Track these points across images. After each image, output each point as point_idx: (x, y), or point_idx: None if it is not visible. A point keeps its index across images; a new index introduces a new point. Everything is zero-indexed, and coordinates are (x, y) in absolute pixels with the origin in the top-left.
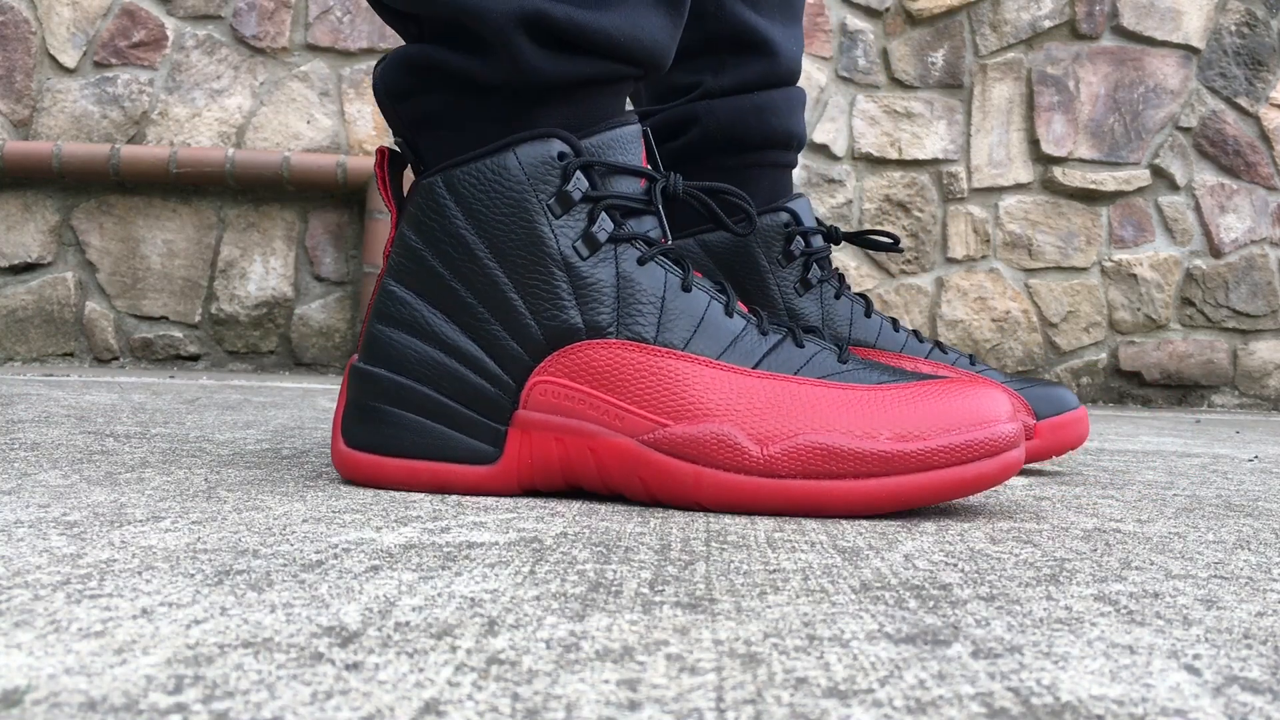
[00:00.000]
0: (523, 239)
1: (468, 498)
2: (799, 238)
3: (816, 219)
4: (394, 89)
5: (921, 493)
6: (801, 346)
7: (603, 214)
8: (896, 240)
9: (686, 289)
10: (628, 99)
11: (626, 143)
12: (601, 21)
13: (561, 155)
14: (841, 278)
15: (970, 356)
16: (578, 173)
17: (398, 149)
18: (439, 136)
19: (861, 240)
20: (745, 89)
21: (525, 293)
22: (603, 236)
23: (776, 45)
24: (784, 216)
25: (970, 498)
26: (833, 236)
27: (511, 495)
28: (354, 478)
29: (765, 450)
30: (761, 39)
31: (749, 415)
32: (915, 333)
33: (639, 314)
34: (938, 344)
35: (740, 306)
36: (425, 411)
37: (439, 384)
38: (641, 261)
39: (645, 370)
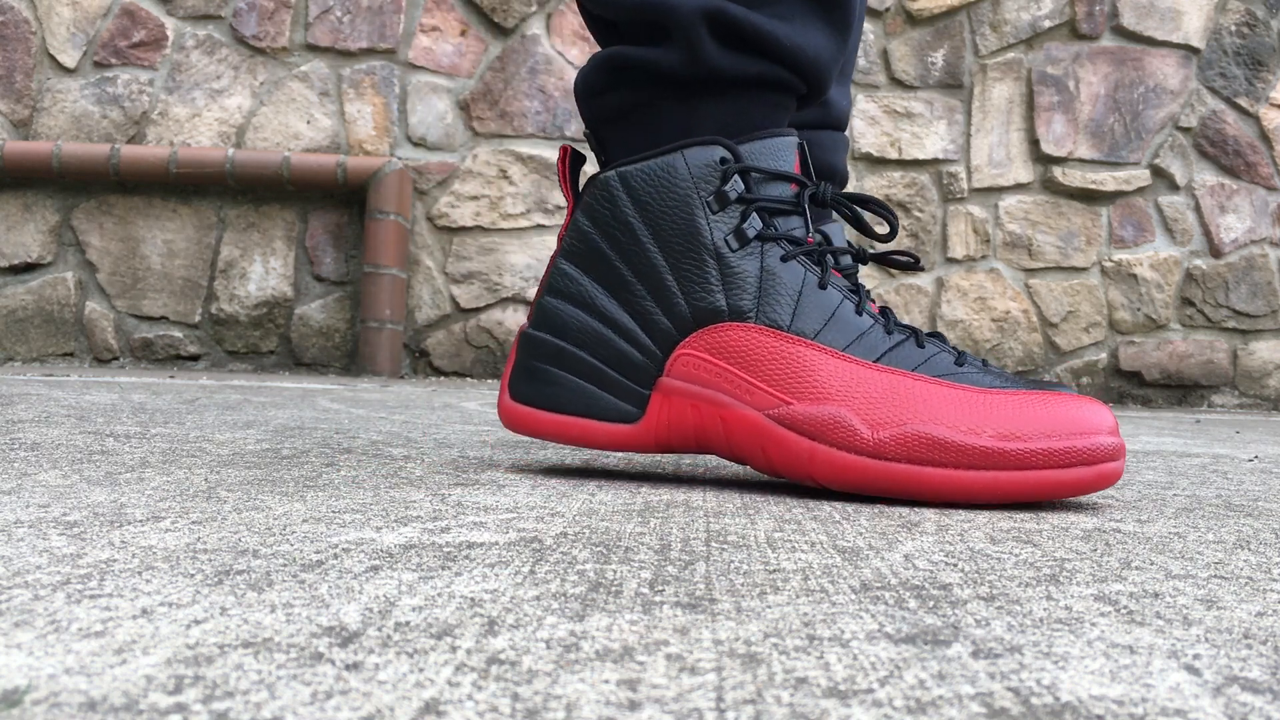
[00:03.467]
0: (682, 229)
1: (468, 498)
2: (737, 178)
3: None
4: (590, 86)
5: (1016, 489)
6: (922, 347)
7: (754, 213)
8: (914, 259)
9: (823, 286)
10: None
11: (781, 151)
12: (774, 26)
13: (723, 160)
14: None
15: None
16: (735, 176)
17: (577, 149)
18: (621, 131)
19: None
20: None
21: (679, 276)
22: (751, 233)
23: (830, 98)
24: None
25: None
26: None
27: (647, 452)
28: (513, 428)
29: (876, 434)
30: None
31: (864, 402)
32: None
33: (777, 303)
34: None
35: (871, 307)
36: (580, 373)
37: (595, 350)
38: (784, 259)
39: (777, 353)
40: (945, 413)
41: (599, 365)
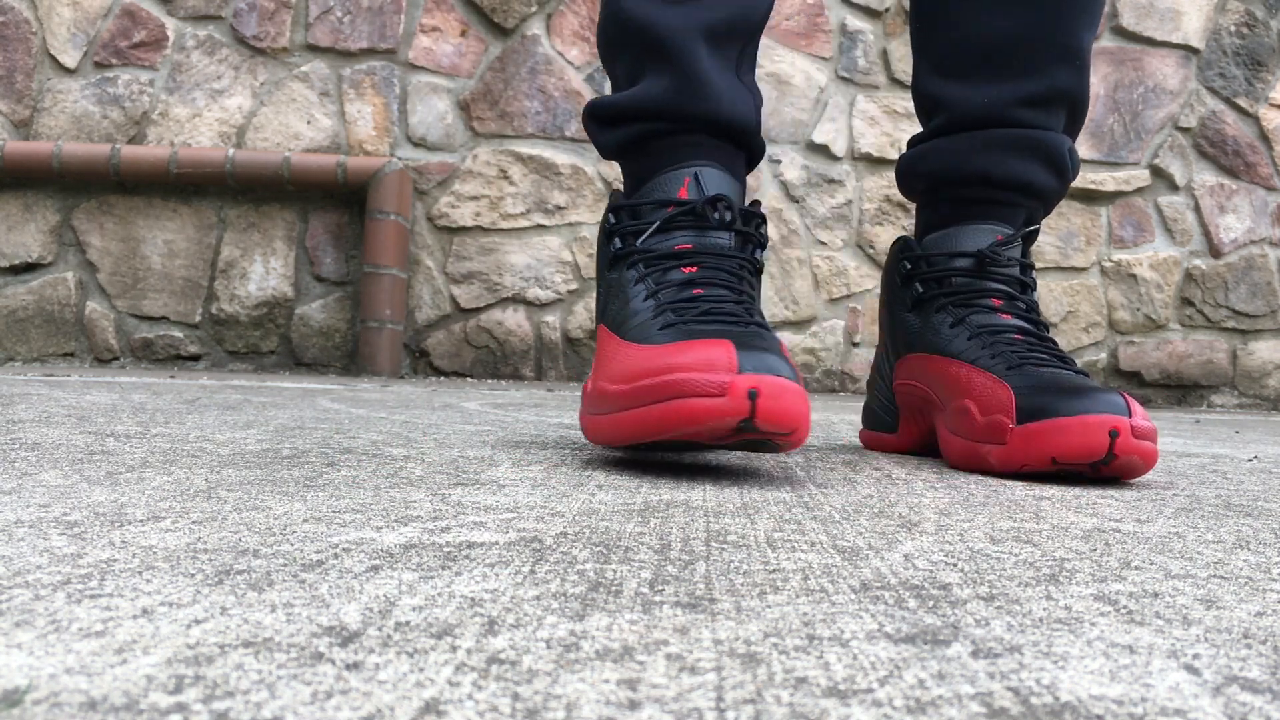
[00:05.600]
0: (601, 259)
1: (468, 498)
2: (609, 214)
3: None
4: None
5: (627, 427)
6: (654, 318)
7: (616, 238)
8: None
9: (635, 283)
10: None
11: (667, 184)
12: (621, 98)
13: (611, 203)
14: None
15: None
16: (609, 213)
17: None
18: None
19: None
20: (920, 141)
21: (599, 295)
22: (611, 253)
23: (948, 102)
24: (898, 244)
25: (969, 498)
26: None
27: None
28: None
29: (592, 392)
30: (936, 101)
31: (602, 370)
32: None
33: (611, 304)
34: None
35: (676, 295)
36: None
37: None
38: (629, 267)
39: (598, 342)
40: (613, 368)
41: None
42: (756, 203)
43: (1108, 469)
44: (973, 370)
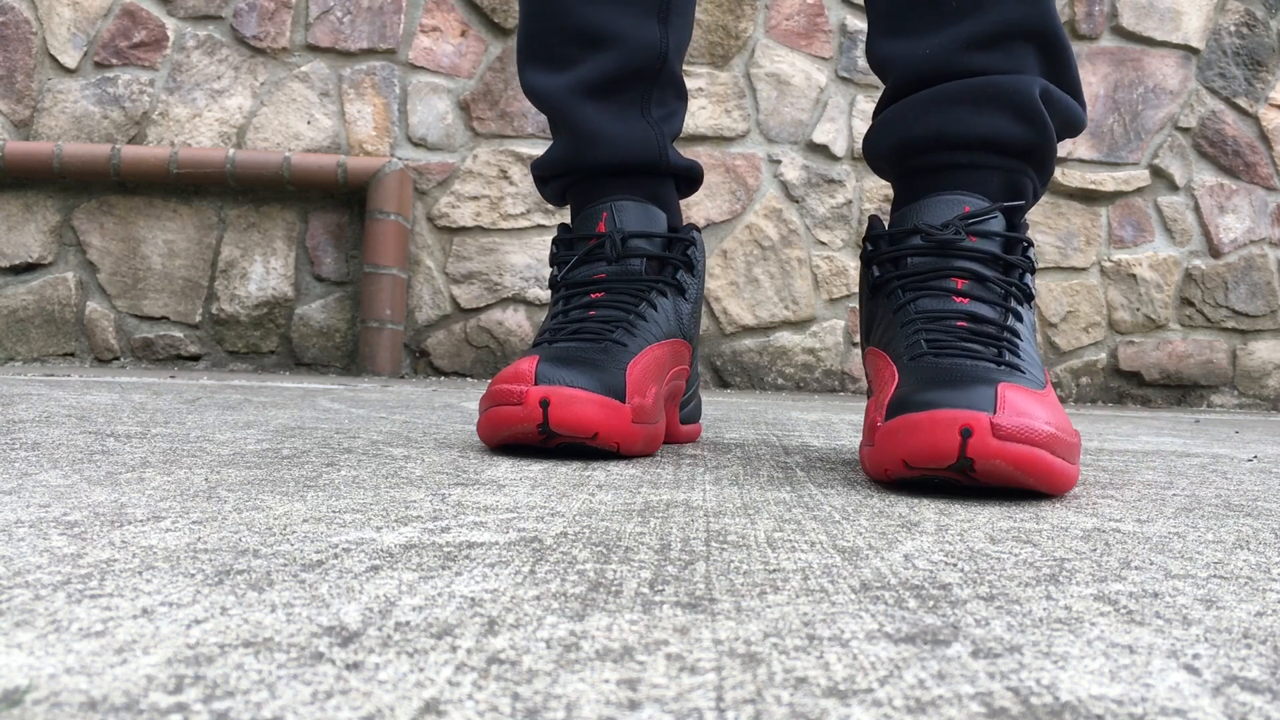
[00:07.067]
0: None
1: (468, 498)
2: (867, 243)
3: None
4: None
5: (479, 429)
6: (540, 336)
7: (554, 267)
8: None
9: (554, 305)
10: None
11: (588, 220)
12: (543, 159)
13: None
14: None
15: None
16: (552, 245)
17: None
18: None
19: None
20: (877, 113)
21: None
22: (549, 280)
23: (894, 61)
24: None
25: (969, 497)
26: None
27: None
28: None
29: None
30: (883, 64)
31: None
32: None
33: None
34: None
35: (569, 317)
36: None
37: None
38: (556, 292)
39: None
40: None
41: None
42: (691, 226)
43: (976, 475)
44: (888, 363)
